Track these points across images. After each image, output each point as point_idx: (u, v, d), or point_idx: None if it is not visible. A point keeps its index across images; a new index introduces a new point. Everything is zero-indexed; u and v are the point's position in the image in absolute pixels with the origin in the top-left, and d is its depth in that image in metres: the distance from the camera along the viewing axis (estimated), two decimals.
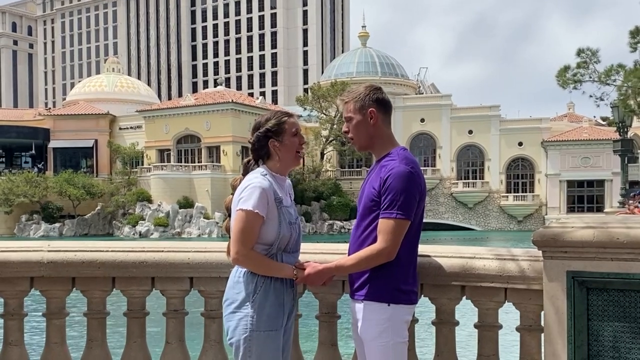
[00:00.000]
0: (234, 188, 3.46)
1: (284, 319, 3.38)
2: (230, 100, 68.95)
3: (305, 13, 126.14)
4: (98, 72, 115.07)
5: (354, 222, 3.51)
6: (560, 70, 27.19)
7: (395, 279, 3.31)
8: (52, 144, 75.66)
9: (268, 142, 3.43)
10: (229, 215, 3.45)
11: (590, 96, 27.55)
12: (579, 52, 26.96)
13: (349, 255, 3.45)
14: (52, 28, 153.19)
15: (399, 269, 3.31)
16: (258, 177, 3.34)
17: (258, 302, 3.28)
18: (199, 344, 4.11)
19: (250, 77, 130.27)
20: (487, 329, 3.73)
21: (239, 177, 3.52)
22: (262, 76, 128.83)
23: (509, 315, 4.06)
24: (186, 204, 64.23)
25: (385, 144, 3.45)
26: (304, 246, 3.73)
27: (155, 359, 4.15)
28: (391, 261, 3.26)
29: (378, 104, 3.43)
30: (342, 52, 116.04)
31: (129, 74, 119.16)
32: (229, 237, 3.44)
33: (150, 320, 4.23)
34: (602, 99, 27.52)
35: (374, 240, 3.28)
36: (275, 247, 3.34)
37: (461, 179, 74.10)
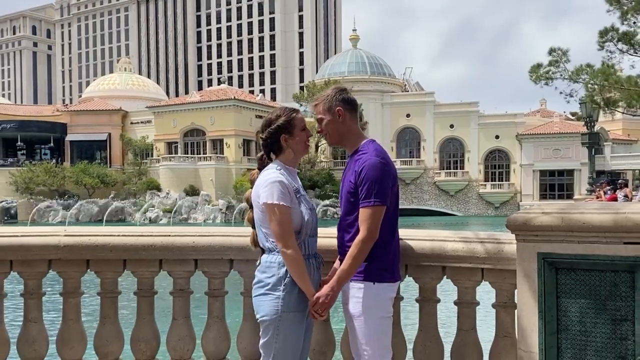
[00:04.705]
0: (252, 182, 3.43)
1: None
2: (233, 97, 68.72)
3: (301, 18, 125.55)
4: (111, 72, 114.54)
5: (340, 209, 3.53)
6: (533, 67, 27.01)
7: (379, 260, 3.34)
8: (69, 137, 75.36)
9: (280, 138, 3.41)
10: (250, 208, 3.42)
11: (561, 93, 27.40)
12: (551, 51, 26.82)
13: (338, 241, 3.48)
14: (69, 31, 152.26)
15: (382, 250, 3.33)
16: (274, 172, 3.31)
17: (289, 285, 3.26)
18: (203, 319, 4.12)
19: (251, 76, 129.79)
20: (466, 306, 3.74)
21: (255, 171, 3.49)
22: (262, 75, 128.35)
23: (485, 294, 4.07)
24: (192, 192, 64.10)
25: (355, 138, 3.48)
26: None
27: (163, 334, 4.15)
28: (375, 243, 3.29)
29: (344, 103, 3.46)
30: (335, 53, 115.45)
31: (140, 73, 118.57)
32: (252, 227, 3.44)
33: (158, 299, 4.23)
34: (571, 95, 27.42)
35: (359, 227, 3.29)
36: (304, 233, 3.33)
37: (443, 169, 74.02)
